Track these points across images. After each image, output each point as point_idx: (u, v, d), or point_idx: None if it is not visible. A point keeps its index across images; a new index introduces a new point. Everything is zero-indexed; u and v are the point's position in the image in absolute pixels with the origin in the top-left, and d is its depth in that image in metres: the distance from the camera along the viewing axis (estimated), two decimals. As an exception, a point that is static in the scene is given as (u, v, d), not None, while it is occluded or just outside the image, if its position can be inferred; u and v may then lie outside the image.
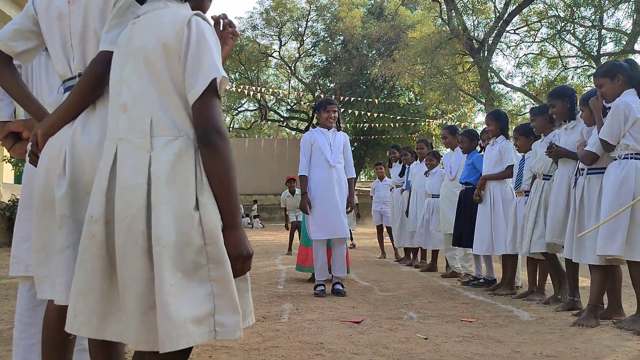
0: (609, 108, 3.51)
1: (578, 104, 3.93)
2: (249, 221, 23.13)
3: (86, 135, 1.49)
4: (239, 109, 29.71)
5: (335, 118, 4.94)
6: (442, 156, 6.65)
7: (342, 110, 23.11)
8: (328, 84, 26.02)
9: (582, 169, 3.70)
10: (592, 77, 4.65)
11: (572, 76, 20.52)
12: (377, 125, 21.64)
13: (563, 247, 4.00)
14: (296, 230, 9.31)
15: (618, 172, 3.39)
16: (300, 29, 26.35)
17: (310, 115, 6.83)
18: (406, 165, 7.40)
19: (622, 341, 3.06)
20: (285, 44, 27.18)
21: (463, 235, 5.29)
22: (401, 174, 7.57)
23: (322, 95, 24.15)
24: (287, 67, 27.39)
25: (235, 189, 1.28)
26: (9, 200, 9.66)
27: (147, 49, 1.29)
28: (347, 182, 4.93)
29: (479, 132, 5.95)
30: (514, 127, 5.08)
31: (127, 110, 1.30)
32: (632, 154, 3.38)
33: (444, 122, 21.14)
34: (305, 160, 4.90)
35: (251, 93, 22.46)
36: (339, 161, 4.89)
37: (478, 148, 5.60)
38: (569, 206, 3.86)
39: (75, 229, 1.37)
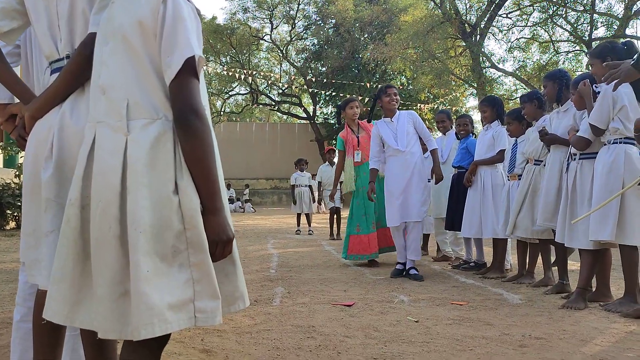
0: (599, 92, 3.52)
1: (570, 87, 3.93)
2: (241, 205, 23.11)
3: (75, 119, 1.47)
4: (230, 93, 29.50)
5: (397, 100, 5.04)
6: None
7: (334, 94, 23.07)
8: (320, 68, 25.90)
9: (575, 154, 3.72)
10: (583, 62, 4.65)
11: (564, 61, 20.56)
12: (369, 109, 21.58)
13: (553, 231, 4.04)
14: (335, 215, 9.30)
15: (607, 157, 3.41)
16: (291, 12, 26.14)
17: (336, 113, 6.77)
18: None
19: (610, 323, 3.10)
20: (276, 27, 26.98)
21: (455, 219, 5.31)
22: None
23: (313, 79, 24.07)
24: (279, 51, 27.20)
25: (214, 172, 1.25)
26: (-2, 184, 9.58)
27: (124, 28, 1.26)
28: (431, 154, 5.09)
29: (472, 117, 5.94)
30: (506, 112, 5.06)
31: (105, 92, 1.28)
32: (621, 138, 3.40)
33: (436, 106, 21.14)
34: (374, 152, 5.03)
35: (242, 77, 22.31)
36: (409, 143, 4.93)
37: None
38: (561, 191, 3.88)
39: (60, 212, 1.35)
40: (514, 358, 2.45)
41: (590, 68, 3.63)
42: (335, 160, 9.84)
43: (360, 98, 21.43)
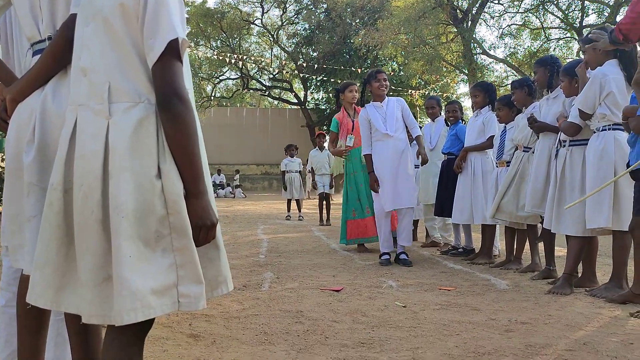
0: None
1: (560, 75, 3.93)
2: (231, 191, 23.06)
3: (57, 102, 1.45)
4: (220, 78, 29.27)
5: (387, 86, 5.00)
6: (422, 127, 6.64)
7: (325, 79, 22.97)
8: (311, 53, 25.73)
9: (564, 141, 3.73)
10: (574, 49, 4.65)
11: (555, 48, 20.56)
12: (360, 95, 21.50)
13: (542, 217, 4.07)
14: (324, 201, 9.30)
15: (597, 144, 3.43)
16: (282, -4, 25.89)
17: (335, 96, 6.69)
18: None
19: (595, 309, 3.14)
20: (267, 11, 26.74)
21: (444, 205, 5.33)
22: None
23: (304, 65, 23.94)
24: (270, 35, 26.98)
25: (197, 155, 1.24)
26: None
27: (105, 9, 1.23)
28: (416, 140, 5.07)
29: (462, 104, 5.94)
30: (496, 98, 5.05)
31: (86, 75, 1.25)
32: (610, 125, 3.41)
33: (427, 92, 21.12)
34: (365, 137, 4.97)
35: (233, 61, 22.15)
36: (397, 129, 4.92)
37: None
38: (549, 177, 3.90)
39: (43, 197, 1.33)
40: (500, 342, 2.47)
41: (583, 54, 3.63)
42: (326, 145, 9.88)
43: (340, 85, 21.37)
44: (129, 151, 1.18)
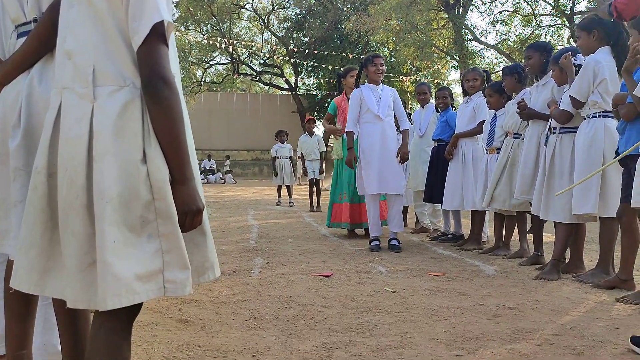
0: (579, 66, 3.53)
1: (550, 62, 3.93)
2: (221, 176, 22.99)
3: (44, 85, 1.43)
4: (210, 62, 29.01)
5: (383, 71, 4.97)
6: (412, 113, 6.64)
7: (316, 65, 22.85)
8: (302, 38, 25.55)
9: (554, 128, 3.74)
10: (565, 36, 4.62)
11: (546, 34, 20.58)
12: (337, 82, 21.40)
13: (530, 203, 4.09)
14: (314, 187, 9.31)
15: (587, 131, 3.44)
16: (273, -20, 25.64)
17: (337, 80, 6.63)
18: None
19: (581, 294, 3.18)
20: (258, -5, 26.45)
21: (434, 191, 5.35)
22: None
23: (295, 50, 23.80)
24: (260, 20, 26.74)
25: (183, 140, 1.22)
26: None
27: None
28: (402, 133, 5.05)
29: (452, 90, 5.93)
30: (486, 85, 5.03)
31: (71, 58, 1.23)
32: (600, 112, 3.42)
33: (418, 79, 21.09)
34: (353, 115, 4.92)
35: (223, 46, 21.95)
36: (388, 114, 4.93)
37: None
38: (538, 164, 3.92)
39: (29, 182, 1.32)
40: (488, 327, 2.50)
41: (576, 40, 3.62)
42: (315, 130, 9.86)
43: (342, 70, 21.30)
44: (113, 135, 1.17)
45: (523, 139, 4.22)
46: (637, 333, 2.35)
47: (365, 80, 5.07)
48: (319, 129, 25.92)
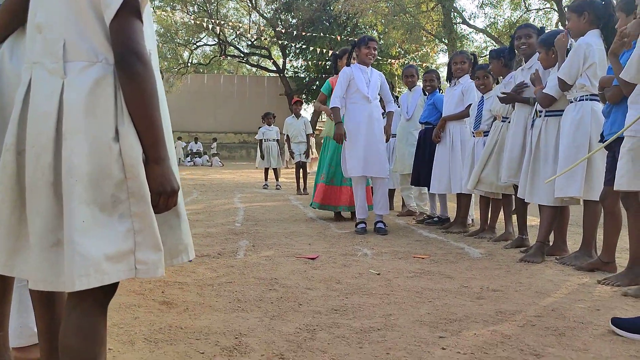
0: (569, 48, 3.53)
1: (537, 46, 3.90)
2: (208, 159, 22.86)
3: (15, 61, 1.38)
4: (197, 44, 28.66)
5: (374, 55, 4.93)
6: (399, 96, 6.60)
7: (304, 47, 22.67)
8: (290, 20, 25.30)
9: (540, 111, 3.74)
10: (553, 20, 4.57)
11: (534, 18, 20.55)
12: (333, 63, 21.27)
13: (515, 186, 4.10)
14: (301, 169, 9.28)
15: (574, 114, 3.43)
16: (261, -40, 25.28)
17: (332, 61, 6.52)
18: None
19: (564, 276, 3.20)
20: (246, -25, 26.10)
21: (421, 174, 5.34)
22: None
23: (283, 31, 23.57)
24: (248, 1, 26.40)
25: (157, 119, 1.19)
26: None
27: None
28: (387, 115, 5.04)
29: (439, 73, 5.89)
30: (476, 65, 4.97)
31: (41, 32, 1.19)
32: (587, 95, 3.42)
33: (406, 62, 21.02)
34: (340, 92, 4.87)
35: (210, 27, 21.68)
36: (376, 97, 4.90)
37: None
38: (525, 147, 3.92)
39: None
40: (471, 309, 2.51)
41: (567, 22, 3.59)
42: (302, 112, 9.78)
43: (330, 52, 21.14)
44: (84, 112, 1.13)
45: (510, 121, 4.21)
46: (617, 314, 2.38)
47: (355, 60, 5.02)
48: (307, 111, 25.77)
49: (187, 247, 1.30)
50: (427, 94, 5.57)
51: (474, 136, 4.78)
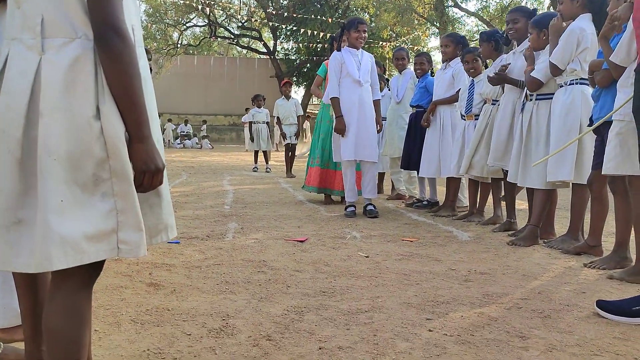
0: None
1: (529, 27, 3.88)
2: (197, 141, 22.74)
3: None
4: (187, 25, 28.33)
5: (364, 38, 4.87)
6: (389, 79, 6.57)
7: (295, 29, 22.47)
8: (281, 1, 25.03)
9: (531, 95, 3.73)
10: (545, 3, 4.54)
11: (526, 2, 20.50)
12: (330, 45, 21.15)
13: (503, 170, 4.11)
14: (290, 152, 9.25)
15: (564, 98, 3.43)
16: (252, -60, 24.92)
17: (329, 44, 6.43)
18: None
19: (551, 259, 3.22)
20: (236, -45, 25.73)
21: (411, 158, 5.33)
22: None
23: (273, 13, 23.33)
24: (238, -19, 26.08)
25: (140, 96, 1.16)
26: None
27: None
28: (373, 104, 4.94)
29: (431, 56, 5.86)
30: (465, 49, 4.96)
31: (20, 6, 1.15)
32: (577, 79, 3.41)
33: (398, 45, 20.93)
34: (336, 80, 4.83)
35: (200, 7, 21.40)
36: (367, 80, 4.86)
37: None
38: (513, 131, 3.92)
39: None
40: (459, 292, 2.52)
41: (558, 4, 3.56)
42: (292, 94, 9.71)
43: (322, 34, 20.99)
44: (63, 90, 1.10)
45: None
46: (602, 297, 2.40)
47: (345, 44, 4.97)
48: (297, 94, 25.61)
49: (167, 226, 1.28)
50: (418, 77, 5.54)
51: (464, 119, 4.77)
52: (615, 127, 2.71)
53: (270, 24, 25.14)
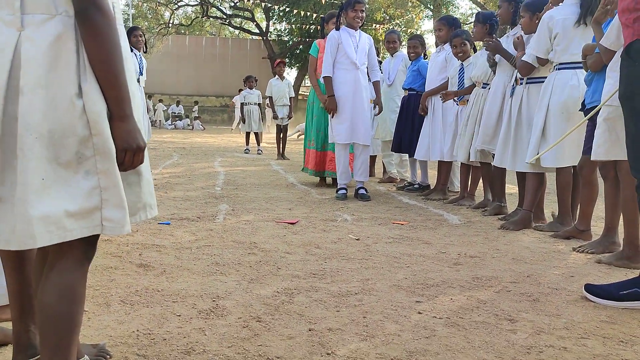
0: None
1: (520, 10, 3.85)
2: (189, 122, 22.60)
3: None
4: (178, 4, 27.94)
5: (362, 18, 4.79)
6: (382, 62, 6.53)
7: (288, 10, 22.24)
8: (274, -19, 24.70)
9: (522, 79, 3.72)
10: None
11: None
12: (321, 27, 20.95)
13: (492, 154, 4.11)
14: (281, 134, 9.20)
15: (559, 83, 3.40)
16: None
17: (320, 25, 6.32)
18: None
19: (540, 243, 3.24)
20: None
21: (403, 141, 5.33)
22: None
23: (267, -7, 23.04)
24: (231, -40, 25.72)
25: (121, 74, 1.15)
26: None
27: None
28: (373, 85, 4.93)
29: (424, 39, 5.83)
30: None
31: None
32: (568, 63, 3.39)
33: (391, 27, 20.79)
34: (331, 59, 4.78)
35: (191, -14, 21.09)
36: (364, 62, 4.81)
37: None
38: (502, 114, 3.91)
39: None
40: (448, 275, 2.53)
41: None
42: (285, 75, 9.63)
43: (315, 15, 20.79)
44: (44, 67, 1.09)
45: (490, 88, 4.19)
46: (591, 281, 2.42)
47: (343, 24, 4.90)
48: (290, 75, 25.43)
49: (145, 205, 1.27)
50: (411, 60, 5.50)
51: (457, 105, 4.75)
52: (603, 113, 2.70)
53: (263, 4, 24.85)
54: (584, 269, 2.69)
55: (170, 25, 27.32)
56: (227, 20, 28.39)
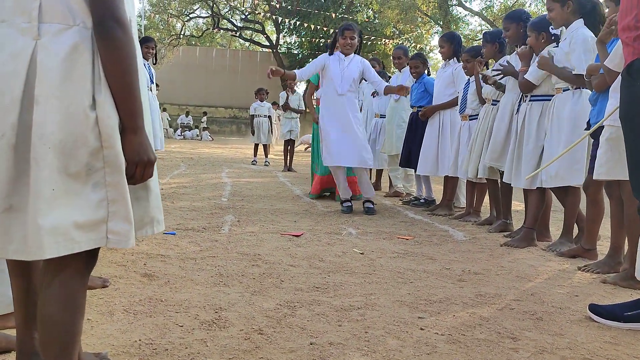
0: (553, 35, 3.53)
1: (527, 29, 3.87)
2: (198, 133, 22.71)
3: None
4: (190, 15, 28.23)
5: (353, 45, 4.80)
6: (391, 77, 6.56)
7: (298, 23, 22.41)
8: (285, -5, 24.95)
9: (526, 96, 3.73)
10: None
11: (530, 3, 20.47)
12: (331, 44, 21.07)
13: (499, 171, 4.10)
14: (289, 147, 9.25)
15: (572, 102, 3.39)
16: None
17: (331, 42, 6.39)
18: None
19: (545, 262, 3.23)
20: (241, -53, 25.62)
21: (411, 156, 5.32)
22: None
23: (277, 6, 23.27)
24: (243, -27, 25.99)
25: (136, 87, 1.16)
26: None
27: None
28: (386, 90, 4.89)
29: (425, 57, 5.86)
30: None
31: None
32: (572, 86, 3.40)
33: (401, 42, 20.90)
34: (308, 70, 4.93)
35: (203, -2, 21.32)
36: (350, 90, 4.79)
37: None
38: (510, 132, 3.92)
39: None
40: (452, 291, 2.52)
41: (548, 12, 3.55)
42: (296, 89, 9.68)
43: (325, 29, 20.94)
44: (60, 78, 1.09)
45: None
46: (595, 301, 2.41)
47: (336, 49, 4.93)
48: (298, 88, 25.56)
49: (153, 220, 1.27)
50: (415, 79, 5.50)
51: (461, 120, 4.75)
52: (606, 133, 2.70)
53: (274, 17, 25.08)
54: (589, 289, 2.67)
55: (181, 36, 27.60)
56: (238, 33, 28.65)
